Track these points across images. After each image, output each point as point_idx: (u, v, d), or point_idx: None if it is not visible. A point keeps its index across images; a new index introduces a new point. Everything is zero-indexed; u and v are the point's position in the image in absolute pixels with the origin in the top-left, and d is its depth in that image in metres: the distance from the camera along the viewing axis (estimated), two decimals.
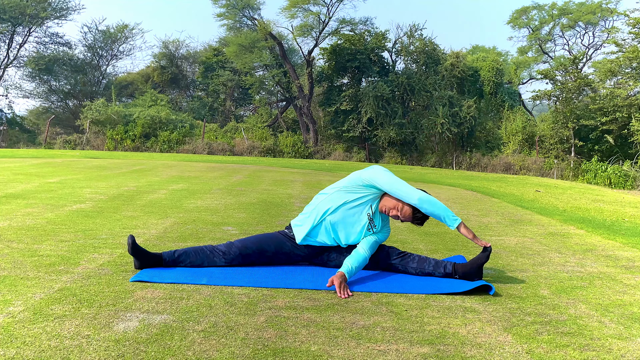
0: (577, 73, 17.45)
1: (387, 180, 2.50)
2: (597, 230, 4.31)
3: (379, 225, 2.57)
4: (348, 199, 2.54)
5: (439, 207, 2.46)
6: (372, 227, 2.55)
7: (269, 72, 21.02)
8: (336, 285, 2.24)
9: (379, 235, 2.58)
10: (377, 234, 2.57)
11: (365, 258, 2.47)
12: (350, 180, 2.58)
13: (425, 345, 1.72)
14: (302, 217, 2.62)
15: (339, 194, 2.56)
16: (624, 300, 2.31)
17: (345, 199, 2.54)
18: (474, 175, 12.77)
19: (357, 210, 2.54)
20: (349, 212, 2.53)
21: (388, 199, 2.54)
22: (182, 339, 1.68)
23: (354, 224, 2.54)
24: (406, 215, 2.52)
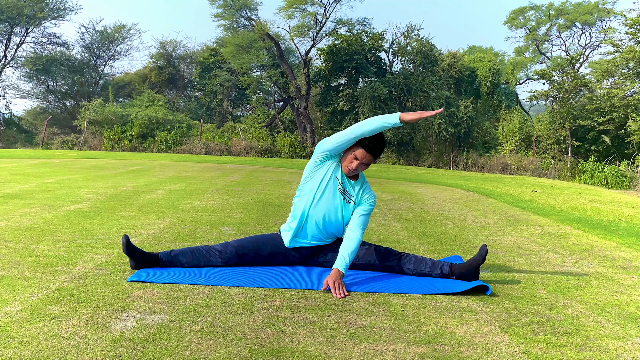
0: (574, 73, 17.52)
1: (328, 139, 2.44)
2: (594, 230, 4.32)
3: (354, 193, 2.48)
4: (316, 184, 2.48)
5: (374, 120, 2.32)
6: (349, 198, 2.47)
7: (266, 73, 21.00)
8: (330, 285, 2.23)
9: (363, 207, 2.48)
10: (360, 205, 2.48)
11: (357, 239, 2.39)
12: (307, 169, 2.53)
13: (422, 345, 1.72)
14: (287, 223, 2.62)
15: (307, 185, 2.51)
16: (621, 300, 2.32)
17: (314, 186, 2.48)
18: (471, 176, 12.79)
19: (328, 191, 2.47)
20: (325, 198, 2.47)
21: (343, 157, 2.46)
22: (179, 339, 1.67)
23: (333, 202, 2.47)
24: (361, 155, 2.40)
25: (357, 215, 2.48)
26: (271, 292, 2.22)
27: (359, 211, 2.48)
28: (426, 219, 4.60)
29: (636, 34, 15.17)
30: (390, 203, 5.73)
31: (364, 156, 2.41)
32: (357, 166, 2.43)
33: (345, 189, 2.48)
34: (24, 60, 22.66)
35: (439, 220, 4.55)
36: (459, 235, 3.83)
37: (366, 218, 2.48)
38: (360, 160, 2.42)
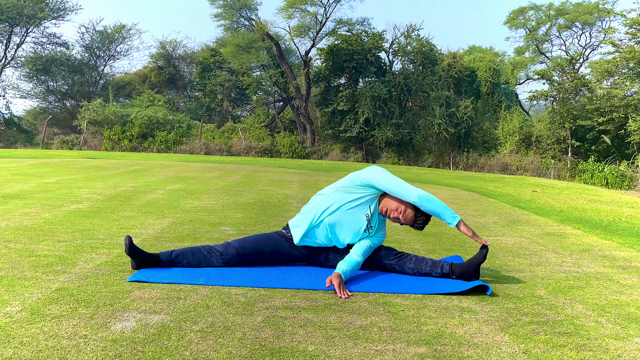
0: (574, 73, 17.52)
1: (386, 179, 2.49)
2: (594, 230, 4.32)
3: (375, 226, 2.55)
4: (346, 199, 2.52)
5: (439, 205, 2.46)
6: (368, 229, 2.53)
7: (266, 73, 21.00)
8: (335, 285, 2.24)
9: (373, 239, 2.56)
10: (371, 238, 2.55)
11: (358, 264, 2.46)
12: (348, 180, 2.57)
13: (422, 345, 1.72)
14: (299, 218, 2.61)
15: (337, 194, 2.55)
16: (621, 300, 2.32)
17: (344, 199, 2.53)
18: (471, 176, 12.79)
19: (355, 210, 2.52)
20: (347, 213, 2.52)
21: (390, 200, 2.51)
22: (179, 339, 1.67)
23: (351, 224, 2.52)
24: (408, 218, 2.49)
25: (365, 243, 2.54)
26: (271, 292, 2.22)
27: (368, 242, 2.55)
28: None
29: (636, 34, 15.17)
30: None
31: (407, 221, 2.52)
32: (395, 219, 2.53)
33: (370, 221, 2.53)
34: (24, 60, 22.65)
35: (439, 220, 4.54)
36: (458, 235, 3.83)
37: (370, 250, 2.55)
38: (402, 219, 2.52)
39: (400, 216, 2.49)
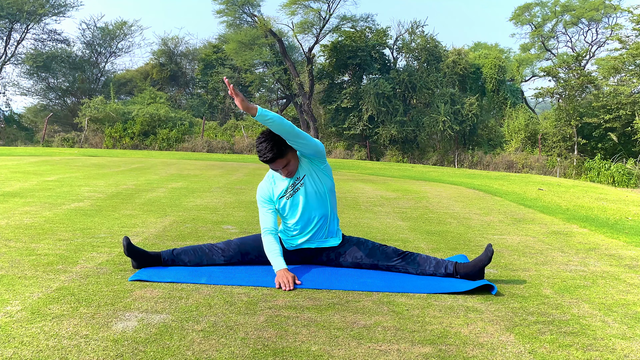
0: (580, 70, 17.39)
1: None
2: (601, 229, 4.28)
3: (297, 177, 2.45)
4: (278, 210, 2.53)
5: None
6: (295, 187, 2.46)
7: (269, 70, 20.98)
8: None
9: (320, 176, 2.47)
10: (314, 180, 2.46)
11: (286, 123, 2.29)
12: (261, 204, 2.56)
13: (426, 345, 1.70)
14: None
15: (269, 214, 2.53)
16: (628, 300, 2.29)
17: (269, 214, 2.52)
18: (476, 174, 12.74)
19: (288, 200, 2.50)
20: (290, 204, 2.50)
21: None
22: (181, 338, 1.66)
23: (295, 204, 2.47)
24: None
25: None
26: (274, 292, 2.20)
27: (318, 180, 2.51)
28: (431, 217, 4.57)
29: None
30: (394, 201, 5.70)
31: (275, 166, 2.45)
32: (282, 171, 2.46)
33: (291, 185, 2.48)
34: (24, 57, 22.71)
35: (444, 218, 4.52)
36: (463, 233, 3.80)
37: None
38: (277, 169, 2.46)
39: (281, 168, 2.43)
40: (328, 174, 2.52)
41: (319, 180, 2.48)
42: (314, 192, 2.47)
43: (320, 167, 2.49)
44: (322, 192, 2.49)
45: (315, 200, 2.47)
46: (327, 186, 2.51)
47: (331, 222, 2.55)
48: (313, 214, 2.48)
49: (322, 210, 2.50)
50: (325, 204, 2.51)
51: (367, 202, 5.44)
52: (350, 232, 3.58)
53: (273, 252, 2.42)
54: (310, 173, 2.47)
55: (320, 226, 2.52)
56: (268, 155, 2.36)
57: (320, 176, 2.49)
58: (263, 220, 2.51)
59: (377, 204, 5.31)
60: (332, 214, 2.55)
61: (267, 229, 2.48)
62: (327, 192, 2.51)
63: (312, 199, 2.47)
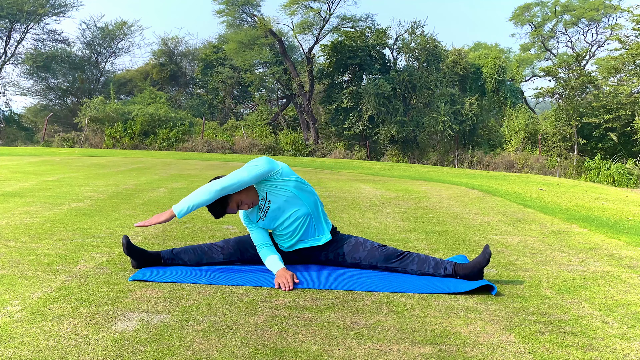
0: (580, 70, 17.39)
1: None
2: (601, 229, 4.28)
3: (263, 206, 2.46)
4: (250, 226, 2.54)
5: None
6: (264, 208, 2.46)
7: (269, 70, 20.98)
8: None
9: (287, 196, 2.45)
10: (277, 203, 2.45)
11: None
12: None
13: (426, 345, 1.70)
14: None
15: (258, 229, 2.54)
16: (628, 300, 2.29)
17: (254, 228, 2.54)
18: (476, 174, 12.74)
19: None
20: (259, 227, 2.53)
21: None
22: (181, 338, 1.66)
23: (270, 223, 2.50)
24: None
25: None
26: (274, 292, 2.20)
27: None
28: (431, 217, 4.56)
29: None
30: (394, 201, 5.70)
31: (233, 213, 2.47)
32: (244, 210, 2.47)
33: (259, 208, 2.49)
34: (24, 57, 22.71)
35: (444, 218, 4.52)
36: (463, 233, 3.80)
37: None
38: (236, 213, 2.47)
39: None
40: (286, 178, 2.45)
41: (281, 190, 2.44)
42: (283, 200, 2.45)
43: (275, 178, 2.43)
44: (290, 196, 2.45)
45: (289, 205, 2.45)
46: (291, 189, 2.45)
47: (316, 217, 2.53)
48: (293, 217, 2.47)
49: (301, 209, 2.48)
50: (301, 204, 2.48)
51: (367, 202, 5.44)
52: (350, 232, 3.58)
53: (271, 260, 2.43)
54: (269, 190, 2.44)
55: (308, 224, 2.50)
56: (218, 217, 2.42)
57: (279, 186, 2.44)
58: (254, 238, 2.53)
59: (377, 204, 5.31)
60: (314, 209, 2.52)
61: (260, 244, 2.51)
62: (295, 193, 2.46)
63: (285, 207, 2.45)
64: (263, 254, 2.48)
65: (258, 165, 2.37)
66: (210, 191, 2.28)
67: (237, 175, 2.32)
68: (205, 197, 2.28)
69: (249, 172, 2.35)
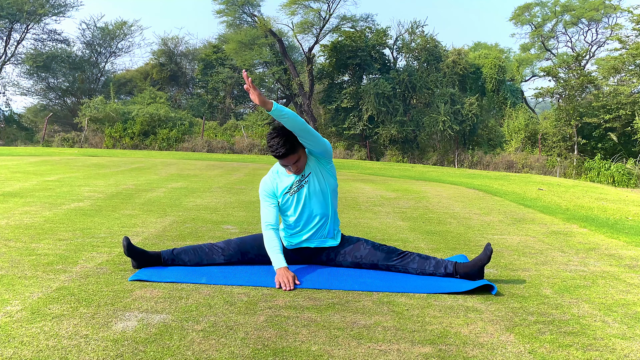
0: (580, 70, 17.39)
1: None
2: (601, 228, 4.28)
3: (305, 174, 2.46)
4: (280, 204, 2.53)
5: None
6: (300, 184, 2.46)
7: (269, 70, 20.99)
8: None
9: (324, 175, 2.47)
10: (318, 177, 2.46)
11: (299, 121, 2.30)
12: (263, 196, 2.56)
13: (426, 345, 1.70)
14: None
15: (271, 208, 2.52)
16: (628, 300, 2.29)
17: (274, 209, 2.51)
18: (476, 174, 12.74)
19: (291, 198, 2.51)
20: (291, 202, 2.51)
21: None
22: (181, 338, 1.66)
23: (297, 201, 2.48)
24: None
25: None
26: (274, 292, 2.20)
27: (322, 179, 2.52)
28: (431, 217, 4.57)
29: None
30: (394, 201, 5.70)
31: (285, 162, 2.45)
32: (292, 167, 2.47)
33: (297, 181, 2.49)
34: (24, 57, 22.72)
35: (444, 218, 4.52)
36: (463, 233, 3.80)
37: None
38: (287, 164, 2.46)
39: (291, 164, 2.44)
40: (333, 174, 2.54)
41: (323, 179, 2.50)
42: (318, 190, 2.48)
43: (327, 166, 2.52)
44: (326, 191, 2.50)
45: (317, 198, 2.49)
46: (331, 186, 2.53)
47: (332, 222, 2.56)
48: (314, 213, 2.49)
49: (323, 209, 2.51)
50: (327, 204, 2.52)
51: (367, 202, 5.44)
52: (350, 232, 3.58)
53: (273, 248, 2.42)
54: (316, 171, 2.48)
55: (321, 225, 2.53)
56: (281, 151, 2.36)
57: (325, 175, 2.50)
58: (265, 214, 2.50)
59: (377, 204, 5.31)
60: (332, 214, 2.55)
61: (268, 223, 2.48)
62: (330, 192, 2.53)
63: (315, 197, 2.48)
64: (268, 236, 2.45)
65: (328, 143, 2.48)
66: (303, 123, 2.32)
67: (316, 132, 2.40)
68: (299, 122, 2.28)
69: (323, 138, 2.44)
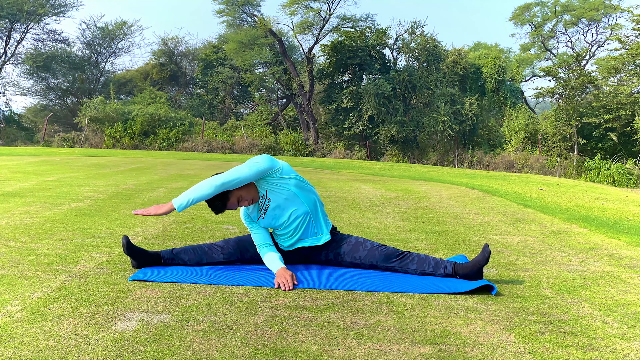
0: (580, 70, 17.39)
1: None
2: (600, 228, 4.28)
3: (263, 204, 2.47)
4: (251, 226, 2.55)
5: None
6: (264, 206, 2.46)
7: (269, 70, 20.98)
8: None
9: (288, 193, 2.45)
10: (277, 203, 2.46)
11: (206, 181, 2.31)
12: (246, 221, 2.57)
13: (426, 345, 1.70)
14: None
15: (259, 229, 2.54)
16: (628, 300, 2.29)
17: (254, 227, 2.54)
18: (476, 174, 12.74)
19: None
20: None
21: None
22: (181, 338, 1.66)
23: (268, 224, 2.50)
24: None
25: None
26: (274, 292, 2.20)
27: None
28: (430, 217, 4.57)
29: None
30: (394, 201, 5.70)
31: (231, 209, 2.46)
32: (243, 207, 2.51)
33: (259, 205, 2.50)
34: (24, 57, 22.72)
35: (444, 218, 4.52)
36: (463, 233, 3.80)
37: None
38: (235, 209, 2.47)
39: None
40: (286, 176, 2.46)
41: (281, 188, 2.45)
42: (283, 198, 2.45)
43: (276, 176, 2.44)
44: (290, 194, 2.46)
45: (288, 204, 2.46)
46: (291, 188, 2.46)
47: (315, 216, 2.53)
48: (293, 215, 2.48)
49: (300, 208, 2.48)
50: (301, 202, 2.48)
51: (367, 202, 5.44)
52: (350, 232, 3.58)
53: (271, 260, 2.43)
54: (270, 187, 2.45)
55: (307, 223, 2.51)
56: (218, 212, 2.42)
57: (279, 184, 2.45)
58: (255, 238, 2.53)
59: (377, 204, 5.31)
60: (314, 208, 2.52)
61: (262, 244, 2.51)
62: (295, 191, 2.46)
63: (285, 205, 2.46)
64: (263, 253, 2.49)
65: (259, 162, 2.39)
66: (211, 185, 2.29)
67: (238, 171, 2.34)
68: (205, 192, 2.28)
69: (250, 169, 2.36)
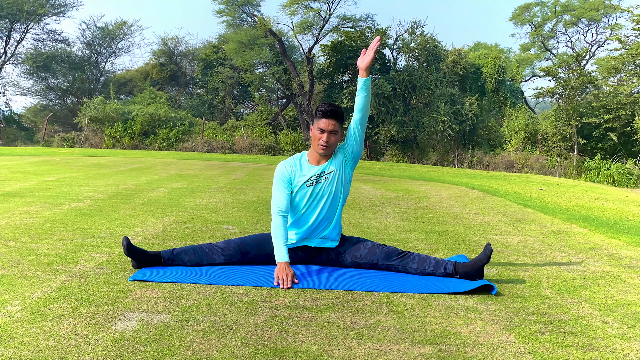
0: (580, 70, 17.38)
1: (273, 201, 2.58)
2: (600, 229, 4.28)
3: (326, 168, 2.49)
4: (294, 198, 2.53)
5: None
6: (324, 173, 2.49)
7: (269, 70, 20.97)
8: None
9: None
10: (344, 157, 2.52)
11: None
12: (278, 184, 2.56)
13: (426, 345, 1.70)
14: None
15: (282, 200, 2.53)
16: (628, 300, 2.29)
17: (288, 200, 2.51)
18: (476, 174, 12.74)
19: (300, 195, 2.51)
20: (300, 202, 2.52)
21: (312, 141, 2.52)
22: (181, 338, 1.66)
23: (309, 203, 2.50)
24: (324, 124, 2.47)
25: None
26: (274, 292, 2.20)
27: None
28: (431, 217, 4.57)
29: None
30: (394, 201, 5.70)
31: (327, 124, 2.46)
32: (328, 136, 2.47)
33: (316, 175, 2.51)
34: (24, 57, 22.69)
35: (444, 218, 4.52)
36: (463, 233, 3.80)
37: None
38: (327, 129, 2.46)
39: (323, 133, 2.45)
40: (349, 181, 2.58)
41: (341, 184, 2.53)
42: (332, 192, 2.51)
43: (349, 172, 2.55)
44: (338, 196, 2.54)
45: (329, 200, 2.51)
46: (345, 193, 2.57)
47: (334, 226, 2.58)
48: (320, 213, 2.51)
49: (329, 212, 2.54)
50: (335, 209, 2.55)
51: (367, 202, 5.44)
52: (350, 232, 3.58)
53: (279, 238, 2.42)
54: (337, 173, 2.51)
55: (323, 227, 2.55)
56: (336, 109, 2.45)
57: (343, 180, 2.54)
58: (277, 200, 2.50)
59: (377, 204, 5.31)
60: (336, 220, 2.58)
61: (279, 209, 2.48)
62: (341, 198, 2.56)
63: (327, 198, 2.51)
64: (277, 223, 2.44)
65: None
66: (368, 110, 2.51)
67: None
68: (368, 106, 2.49)
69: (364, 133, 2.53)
